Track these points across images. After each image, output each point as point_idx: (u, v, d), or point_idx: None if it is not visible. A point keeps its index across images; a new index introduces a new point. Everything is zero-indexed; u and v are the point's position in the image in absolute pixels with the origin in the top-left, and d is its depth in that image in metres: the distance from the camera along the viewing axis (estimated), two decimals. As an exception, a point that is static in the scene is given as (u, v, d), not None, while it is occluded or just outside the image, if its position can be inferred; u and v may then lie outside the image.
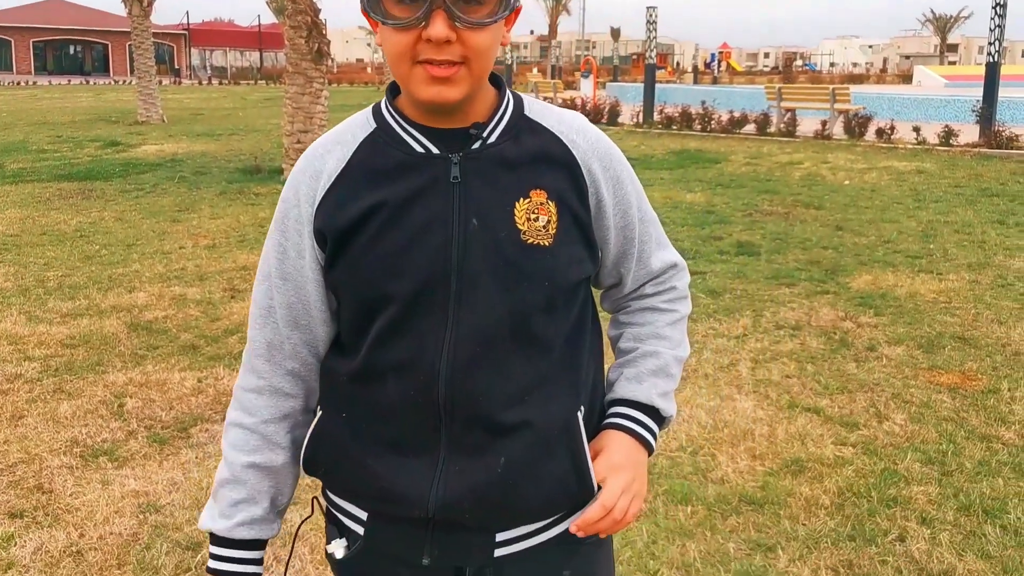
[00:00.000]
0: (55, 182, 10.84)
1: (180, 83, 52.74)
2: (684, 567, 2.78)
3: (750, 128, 16.17)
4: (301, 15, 11.12)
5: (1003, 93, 14.70)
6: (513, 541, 1.27)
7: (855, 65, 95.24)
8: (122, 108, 24.74)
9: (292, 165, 10.92)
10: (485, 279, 1.17)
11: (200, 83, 53.68)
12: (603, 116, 18.90)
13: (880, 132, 14.26)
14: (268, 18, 69.12)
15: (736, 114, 16.59)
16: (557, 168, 1.23)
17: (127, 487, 3.32)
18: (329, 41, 11.56)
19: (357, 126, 1.25)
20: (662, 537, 2.93)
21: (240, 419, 1.30)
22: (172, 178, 11.16)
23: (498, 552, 1.26)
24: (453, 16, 1.10)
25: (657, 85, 20.10)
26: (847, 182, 10.46)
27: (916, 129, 13.94)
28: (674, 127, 17.26)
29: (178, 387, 4.29)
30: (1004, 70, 14.78)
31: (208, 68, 70.12)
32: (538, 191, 1.20)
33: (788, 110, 16.68)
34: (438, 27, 1.09)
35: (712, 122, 16.68)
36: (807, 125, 15.65)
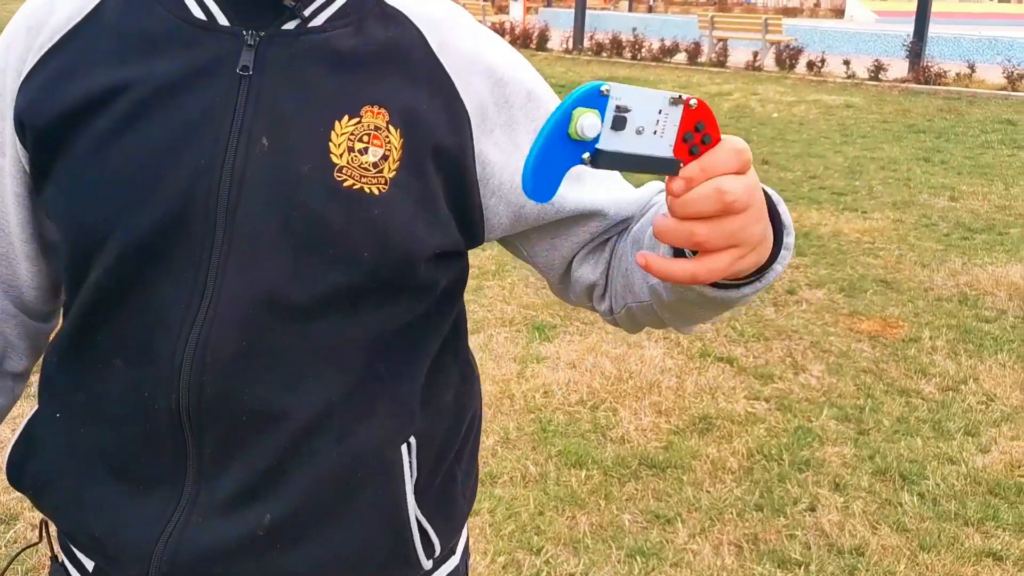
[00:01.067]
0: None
1: None
2: (572, 543, 2.47)
3: (681, 57, 15.79)
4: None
5: (933, 29, 14.55)
6: None
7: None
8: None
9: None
10: (267, 234, 0.76)
11: None
12: (532, 42, 18.32)
13: (811, 65, 14.02)
14: None
15: (667, 43, 16.17)
16: (410, 72, 0.80)
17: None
18: None
19: None
20: (551, 507, 2.62)
21: None
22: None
23: None
24: None
25: (590, 12, 19.56)
26: (775, 115, 10.20)
27: (846, 63, 13.72)
28: (604, 54, 16.79)
29: None
30: (935, 7, 14.62)
31: None
32: (374, 108, 0.78)
33: (720, 40, 16.33)
34: None
35: (643, 50, 16.27)
36: (738, 56, 15.34)
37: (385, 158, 0.77)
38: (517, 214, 0.84)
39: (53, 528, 0.93)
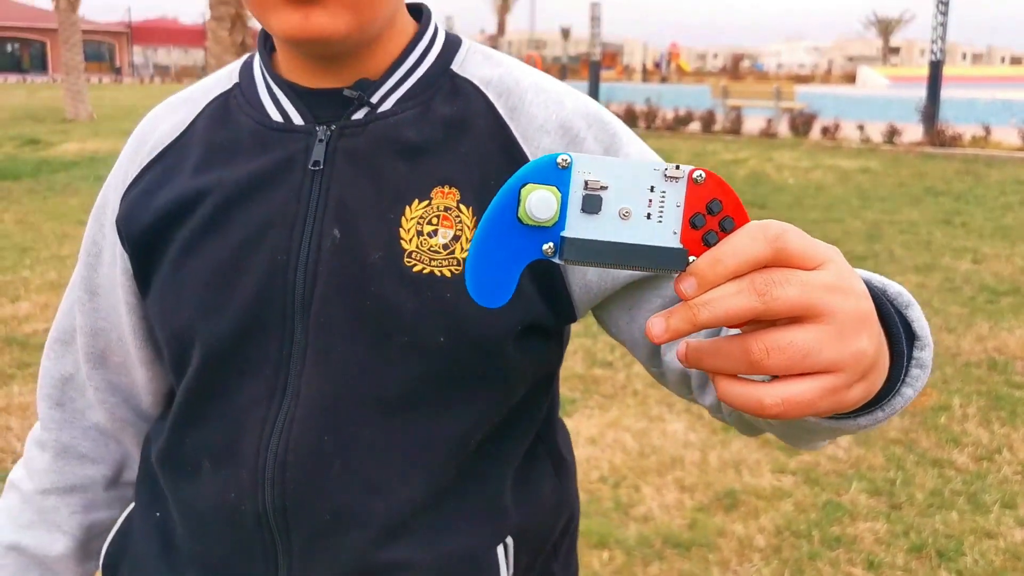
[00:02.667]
0: (-42, 182, 10.17)
1: (121, 81, 51.44)
2: (596, 630, 2.38)
3: (695, 126, 15.93)
4: (224, 6, 10.57)
5: (944, 93, 14.64)
6: None
7: (801, 66, 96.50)
8: (54, 106, 23.80)
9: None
10: (341, 326, 0.74)
11: (142, 81, 52.40)
12: (548, 114, 18.62)
13: (825, 130, 14.12)
14: (212, 15, 67.94)
15: (681, 112, 16.35)
16: (478, 146, 0.76)
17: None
18: (254, 33, 11.02)
19: (216, 80, 0.87)
20: (573, 591, 2.52)
21: (18, 480, 0.93)
22: (87, 177, 10.52)
23: None
24: None
25: (605, 84, 19.84)
26: (792, 181, 10.21)
27: (860, 127, 13.81)
28: (619, 125, 17.02)
29: (42, 413, 3.79)
30: (945, 71, 14.74)
31: (151, 66, 68.62)
32: (444, 189, 0.75)
33: (733, 108, 16.50)
34: None
35: (657, 120, 16.43)
36: (752, 123, 15.47)
37: (456, 238, 0.74)
38: (583, 283, 0.78)
39: None
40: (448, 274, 0.74)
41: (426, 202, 0.75)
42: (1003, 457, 3.35)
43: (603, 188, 0.47)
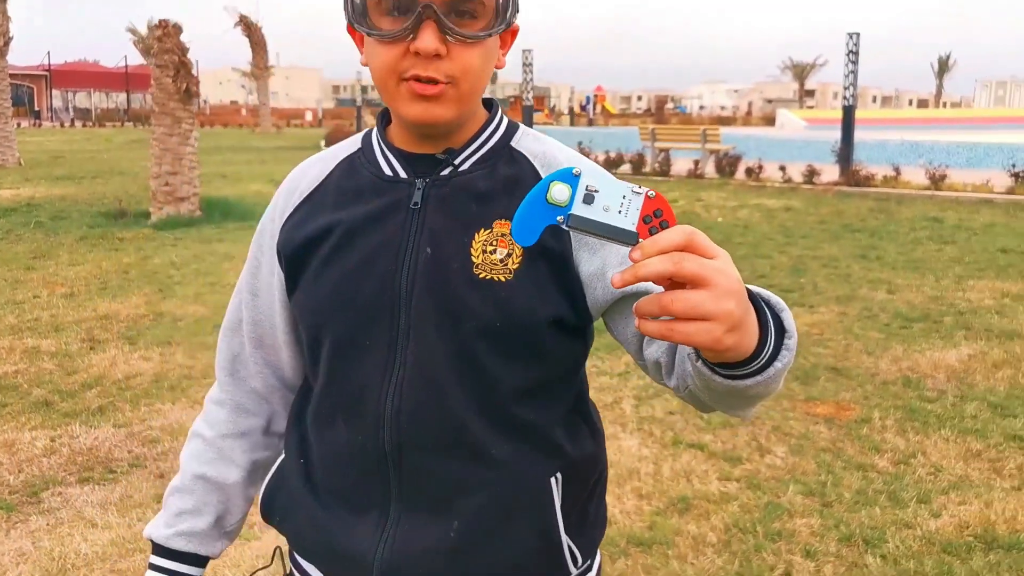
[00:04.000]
0: None
1: (40, 125, 50.38)
2: (574, 616, 2.68)
3: (626, 168, 16.55)
4: (168, 54, 10.77)
5: (859, 135, 15.52)
6: None
7: (723, 108, 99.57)
8: (-24, 151, 23.32)
9: (160, 209, 10.48)
10: (432, 315, 1.06)
11: (62, 125, 51.40)
12: (482, 157, 19.04)
13: (749, 171, 14.83)
14: (135, 58, 67.11)
15: (612, 154, 16.96)
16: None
17: (-35, 563, 3.00)
18: (198, 81, 11.23)
19: (346, 145, 1.21)
20: (551, 585, 2.83)
21: (200, 430, 1.27)
22: (27, 224, 10.53)
23: None
24: (444, 28, 1.01)
25: (536, 127, 20.39)
26: (720, 219, 10.77)
27: (782, 168, 14.56)
28: (552, 168, 17.52)
29: (28, 448, 3.95)
30: (858, 114, 15.62)
31: (71, 110, 67.31)
32: (502, 221, 1.08)
33: (662, 150, 17.17)
34: (427, 39, 1.00)
35: (589, 163, 17.01)
36: (680, 165, 16.15)
37: (509, 255, 1.07)
38: (593, 297, 1.12)
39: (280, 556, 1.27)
40: (503, 279, 1.05)
41: (489, 230, 1.08)
42: (918, 460, 3.78)
43: (596, 191, 0.80)
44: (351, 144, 1.20)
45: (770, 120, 51.20)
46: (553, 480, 1.12)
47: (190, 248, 8.89)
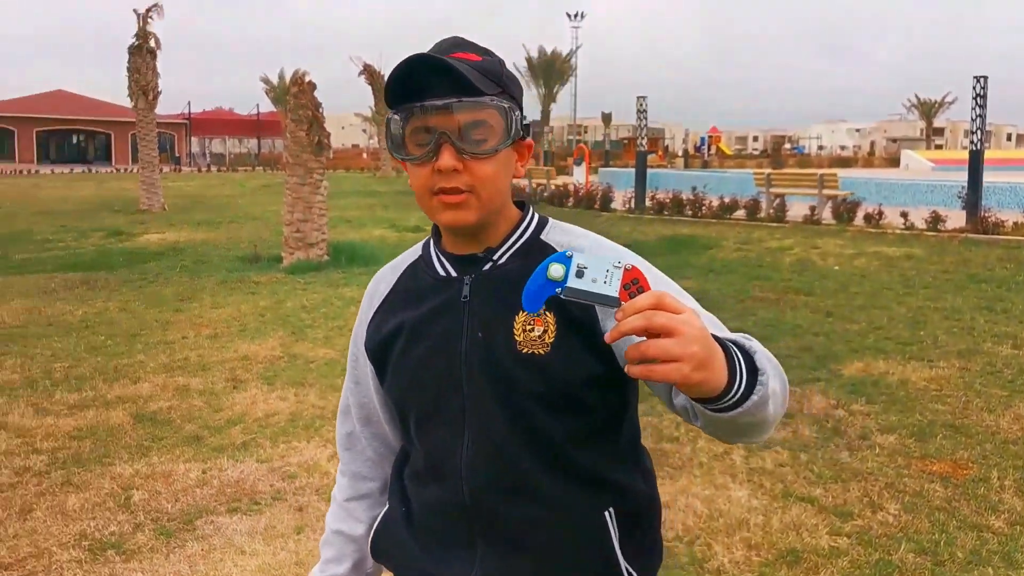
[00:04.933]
0: (60, 272, 11.01)
1: (180, 171, 53.57)
2: (684, 659, 2.83)
3: (740, 213, 16.46)
4: (303, 109, 11.49)
5: (988, 178, 15.04)
6: None
7: (843, 148, 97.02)
8: (125, 197, 25.12)
9: (292, 254, 11.13)
10: (486, 388, 1.30)
11: (199, 170, 54.52)
12: (596, 203, 19.26)
13: (868, 217, 14.53)
14: (266, 106, 70.57)
15: (726, 199, 16.91)
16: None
17: (135, 582, 3.37)
18: (329, 134, 11.91)
19: (410, 253, 1.47)
20: (662, 629, 2.98)
21: (334, 494, 1.57)
22: (174, 267, 11.35)
23: None
24: (459, 149, 1.26)
25: (648, 170, 20.52)
26: (837, 267, 10.66)
27: (904, 215, 14.23)
28: (666, 213, 17.58)
29: (183, 478, 4.36)
30: (989, 154, 15.18)
31: (207, 155, 71.24)
32: None
33: (777, 196, 17.02)
34: (445, 158, 1.26)
35: (703, 207, 17.00)
36: (796, 210, 15.96)
37: (545, 331, 1.30)
38: (620, 356, 1.31)
39: None
40: (542, 352, 1.28)
41: (526, 312, 1.30)
42: (1037, 523, 3.75)
43: (585, 267, 1.03)
44: (413, 252, 1.47)
45: (894, 161, 49.64)
46: (607, 514, 1.34)
47: (319, 292, 9.42)
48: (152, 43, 21.44)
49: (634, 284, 1.03)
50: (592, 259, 1.04)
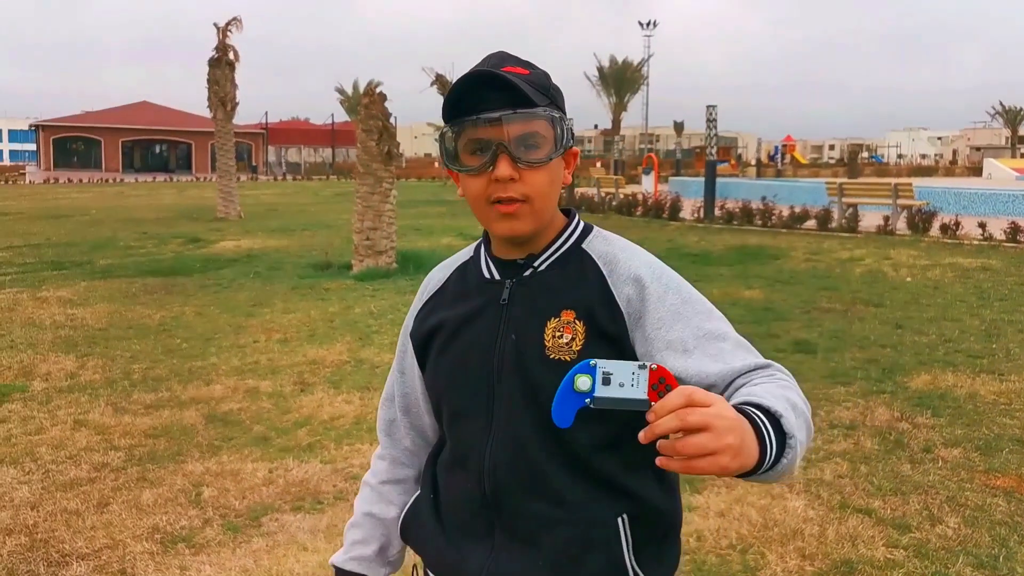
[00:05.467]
0: (141, 277, 11.45)
1: (257, 179, 54.94)
2: (730, 665, 2.85)
3: (811, 223, 16.22)
4: (373, 120, 11.74)
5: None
6: None
7: (923, 157, 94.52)
8: (203, 205, 25.89)
9: (361, 261, 11.36)
10: (514, 389, 1.37)
11: (275, 179, 55.84)
12: (664, 212, 19.18)
13: (945, 228, 14.20)
14: (341, 116, 71.94)
15: (797, 209, 16.67)
16: (589, 289, 1.39)
17: (203, 573, 3.53)
18: (399, 143, 12.13)
19: (464, 253, 1.55)
20: (710, 635, 3.01)
21: (367, 479, 1.63)
22: (248, 273, 11.69)
23: None
24: (515, 158, 1.33)
25: (719, 179, 20.36)
26: (909, 279, 10.44)
27: (982, 225, 13.87)
28: (735, 222, 17.41)
29: (251, 477, 4.53)
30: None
31: (283, 164, 72.90)
32: (568, 311, 1.37)
33: (850, 205, 16.72)
34: (503, 168, 1.33)
35: (773, 217, 16.79)
36: (869, 220, 15.66)
37: (573, 339, 1.36)
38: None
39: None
40: (568, 359, 1.33)
41: (557, 319, 1.36)
42: (1104, 541, 3.66)
43: (610, 374, 1.06)
44: (466, 253, 1.55)
45: (977, 170, 48.19)
46: (620, 520, 1.38)
47: (387, 299, 9.61)
48: (231, 55, 22.10)
49: (661, 383, 1.05)
50: (616, 365, 1.06)
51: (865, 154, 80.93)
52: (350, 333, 7.92)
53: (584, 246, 1.44)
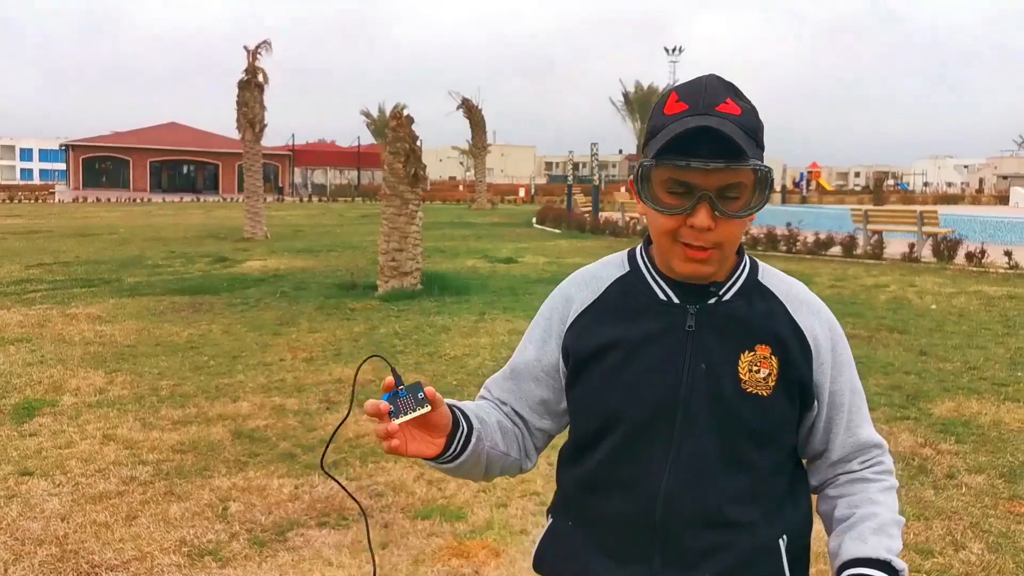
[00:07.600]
0: (168, 295, 11.60)
1: (283, 200, 55.47)
2: None
3: (836, 250, 16.17)
4: (400, 142, 11.87)
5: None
6: None
7: (949, 185, 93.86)
8: (230, 225, 26.17)
9: (386, 282, 11.43)
10: (705, 417, 1.36)
11: (301, 200, 56.32)
12: (688, 236, 19.12)
13: (970, 256, 14.12)
14: (367, 139, 72.58)
15: (822, 235, 16.63)
16: (782, 329, 1.40)
17: (229, 585, 3.59)
18: (425, 166, 12.24)
19: (613, 266, 1.50)
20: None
21: (480, 394, 1.58)
22: (274, 293, 11.81)
23: None
24: (715, 208, 1.30)
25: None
26: (934, 306, 10.39)
27: (1008, 253, 13.78)
28: (759, 248, 17.38)
29: (277, 493, 4.59)
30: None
31: (309, 186, 73.54)
32: (763, 346, 1.38)
33: (875, 232, 16.66)
34: (701, 217, 1.30)
35: (798, 243, 16.75)
36: (894, 247, 15.60)
37: (769, 374, 1.38)
38: (814, 403, 1.46)
39: None
40: (765, 394, 1.36)
41: (752, 352, 1.37)
42: None
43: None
44: (616, 266, 1.50)
45: (1003, 198, 47.81)
46: (781, 540, 1.40)
47: (411, 320, 9.68)
48: (260, 77, 22.42)
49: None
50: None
51: (891, 182, 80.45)
52: (375, 353, 7.98)
53: (762, 280, 1.45)
